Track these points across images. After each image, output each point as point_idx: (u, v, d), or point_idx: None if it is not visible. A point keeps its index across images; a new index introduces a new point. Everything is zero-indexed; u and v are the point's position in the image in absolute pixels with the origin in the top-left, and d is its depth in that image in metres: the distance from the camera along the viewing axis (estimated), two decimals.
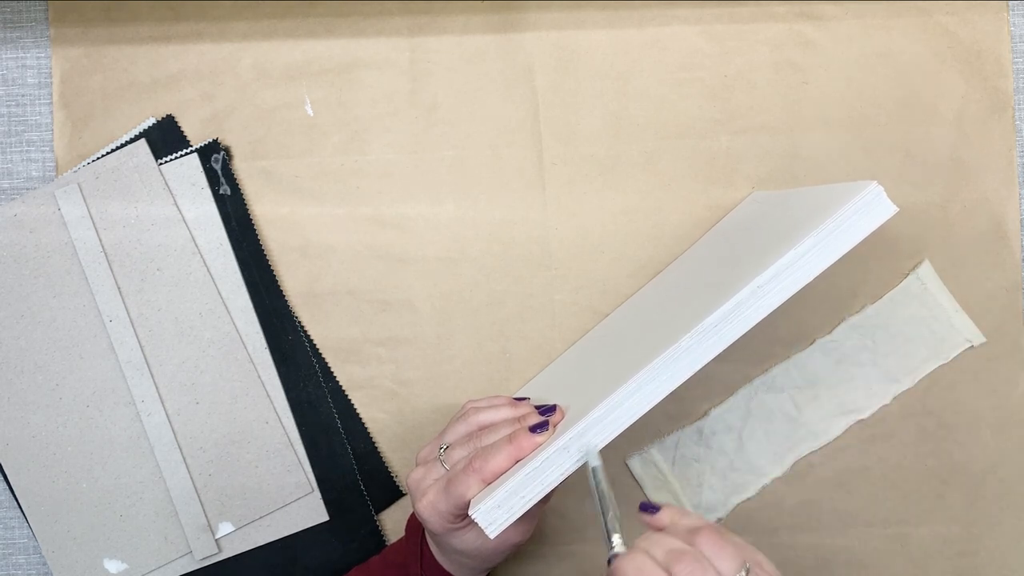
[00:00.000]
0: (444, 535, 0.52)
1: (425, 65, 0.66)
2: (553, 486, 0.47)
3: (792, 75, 0.67)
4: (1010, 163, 0.67)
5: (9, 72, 0.66)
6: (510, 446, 0.49)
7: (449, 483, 0.50)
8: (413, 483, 0.53)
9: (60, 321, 0.64)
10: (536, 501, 0.47)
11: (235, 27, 0.66)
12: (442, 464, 0.52)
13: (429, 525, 0.51)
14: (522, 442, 0.49)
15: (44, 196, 0.65)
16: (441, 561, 0.55)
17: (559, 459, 0.47)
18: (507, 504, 0.47)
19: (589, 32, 0.66)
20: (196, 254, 0.65)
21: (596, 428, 0.47)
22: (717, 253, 0.59)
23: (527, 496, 0.47)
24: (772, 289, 0.46)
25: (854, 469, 0.66)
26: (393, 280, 0.66)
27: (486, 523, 0.47)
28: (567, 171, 0.66)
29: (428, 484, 0.52)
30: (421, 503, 0.51)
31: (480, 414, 0.54)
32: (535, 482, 0.47)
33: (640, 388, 0.47)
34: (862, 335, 0.66)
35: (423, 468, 0.53)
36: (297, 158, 0.66)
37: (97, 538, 0.64)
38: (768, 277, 0.46)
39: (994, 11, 0.67)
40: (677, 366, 0.47)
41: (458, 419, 0.55)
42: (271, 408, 0.65)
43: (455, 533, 0.51)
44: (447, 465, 0.52)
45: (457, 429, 0.54)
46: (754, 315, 0.46)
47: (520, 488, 0.47)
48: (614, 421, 0.47)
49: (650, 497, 0.66)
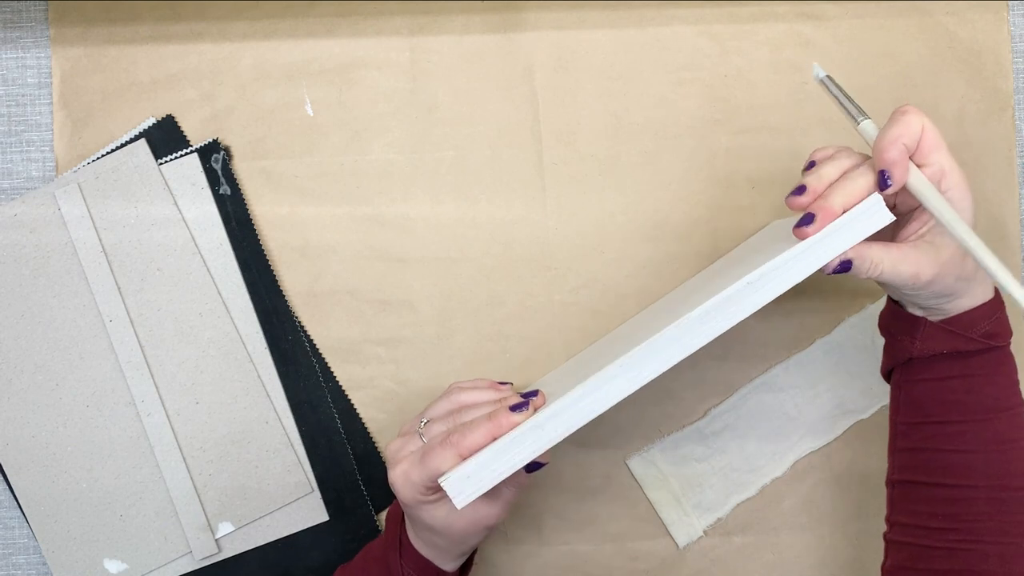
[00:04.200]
0: (415, 508, 0.52)
1: (425, 65, 0.66)
2: (523, 463, 0.48)
3: (792, 75, 0.67)
4: (1010, 163, 0.67)
5: (9, 72, 0.66)
6: (489, 423, 0.50)
7: (425, 455, 0.50)
8: (391, 452, 0.54)
9: (60, 321, 0.64)
10: (505, 476, 0.48)
11: (235, 27, 0.66)
12: (420, 437, 0.53)
13: (401, 495, 0.52)
14: (501, 420, 0.50)
15: (44, 196, 0.65)
16: (417, 546, 0.55)
17: (532, 436, 0.48)
18: (477, 476, 0.48)
19: (589, 32, 0.66)
20: (196, 254, 0.65)
21: (574, 409, 0.48)
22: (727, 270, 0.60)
23: (497, 470, 0.48)
24: (762, 286, 0.47)
25: (854, 469, 0.66)
26: (393, 280, 0.66)
27: (454, 493, 0.48)
28: (567, 171, 0.66)
29: (404, 455, 0.52)
30: (395, 471, 0.52)
31: (463, 394, 0.55)
32: (506, 456, 0.48)
33: (620, 374, 0.47)
34: (862, 335, 0.66)
35: (401, 439, 0.54)
36: (297, 158, 0.66)
37: (97, 538, 0.64)
38: (758, 275, 0.47)
39: (994, 11, 0.67)
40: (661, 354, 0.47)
41: (441, 397, 0.56)
42: (271, 408, 0.65)
43: (425, 507, 0.52)
44: (425, 438, 0.53)
45: (439, 406, 0.55)
46: (741, 310, 0.47)
47: (491, 461, 0.48)
48: (592, 404, 0.48)
49: (650, 497, 0.66)
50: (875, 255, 0.49)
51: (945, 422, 0.53)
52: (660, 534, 0.66)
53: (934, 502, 0.53)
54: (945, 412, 0.53)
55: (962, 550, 0.51)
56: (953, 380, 0.53)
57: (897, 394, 0.56)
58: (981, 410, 0.52)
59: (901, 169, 0.48)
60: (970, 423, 0.52)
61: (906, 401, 0.55)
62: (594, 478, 0.66)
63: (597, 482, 0.66)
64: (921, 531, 0.53)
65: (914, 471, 0.54)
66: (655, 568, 0.66)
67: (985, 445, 0.52)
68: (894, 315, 0.55)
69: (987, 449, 0.52)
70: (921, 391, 0.54)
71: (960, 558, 0.51)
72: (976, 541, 0.51)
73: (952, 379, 0.53)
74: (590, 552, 0.66)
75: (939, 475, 0.53)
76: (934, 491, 0.53)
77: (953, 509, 0.52)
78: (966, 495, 0.52)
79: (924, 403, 0.54)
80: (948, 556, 0.52)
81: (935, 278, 0.50)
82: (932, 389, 0.53)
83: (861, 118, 0.51)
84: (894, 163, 0.48)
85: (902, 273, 0.49)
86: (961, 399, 0.52)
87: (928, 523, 0.53)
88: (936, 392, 0.53)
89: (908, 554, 0.54)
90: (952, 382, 0.53)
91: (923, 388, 0.54)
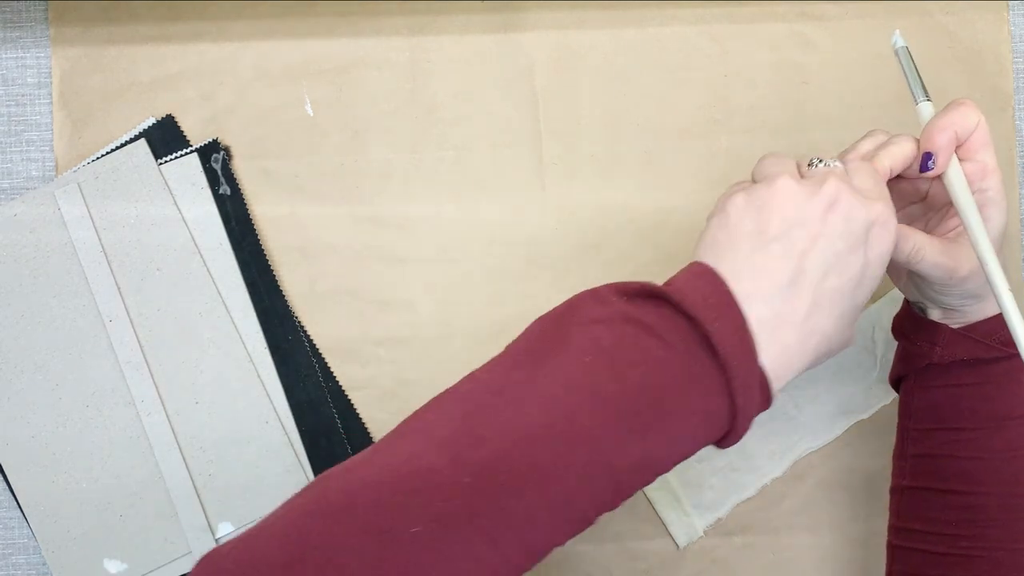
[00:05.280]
0: None
1: (425, 65, 0.66)
2: None
3: (792, 75, 0.67)
4: (1010, 163, 0.67)
5: (9, 72, 0.66)
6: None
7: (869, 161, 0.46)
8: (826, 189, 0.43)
9: (60, 321, 0.64)
10: None
11: (235, 27, 0.66)
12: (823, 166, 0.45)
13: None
14: None
15: (44, 196, 0.65)
16: None
17: None
18: None
19: (589, 32, 0.66)
20: (196, 254, 0.65)
21: None
22: None
23: None
24: None
25: (854, 469, 0.66)
26: (393, 280, 0.66)
27: None
28: (567, 171, 0.66)
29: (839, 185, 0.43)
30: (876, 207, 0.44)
31: None
32: None
33: None
34: (862, 335, 0.66)
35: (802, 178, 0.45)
36: (297, 158, 0.66)
37: (97, 538, 0.64)
38: None
39: (994, 11, 0.67)
40: None
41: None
42: (271, 408, 0.65)
43: None
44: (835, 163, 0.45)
45: None
46: None
47: None
48: None
49: (650, 497, 0.66)
50: (919, 239, 0.48)
51: (959, 428, 0.52)
52: (660, 534, 0.66)
53: (946, 509, 0.52)
54: (960, 418, 0.52)
55: (974, 556, 0.51)
56: (970, 387, 0.52)
57: (909, 399, 0.55)
58: (996, 417, 0.52)
59: (946, 155, 0.47)
60: (984, 430, 0.52)
61: (920, 407, 0.54)
62: None
63: None
64: (933, 537, 0.52)
65: (926, 477, 0.54)
66: (655, 568, 0.66)
67: (999, 452, 0.51)
68: (913, 320, 0.54)
69: (1001, 456, 0.51)
70: (936, 397, 0.53)
71: (972, 565, 0.51)
72: (988, 548, 0.51)
73: (969, 386, 0.52)
74: (590, 552, 0.66)
75: (952, 482, 0.52)
76: (947, 498, 0.52)
77: (965, 516, 0.52)
78: (979, 502, 0.51)
79: (939, 409, 0.53)
80: (959, 563, 0.51)
81: (970, 275, 0.49)
82: (948, 395, 0.53)
83: (922, 98, 0.50)
84: (941, 148, 0.47)
85: (941, 264, 0.48)
86: (977, 406, 0.52)
87: (940, 530, 0.52)
88: (952, 398, 0.53)
89: (918, 561, 0.53)
90: (968, 389, 0.52)
91: (939, 394, 0.53)
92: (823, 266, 0.42)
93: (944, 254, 0.49)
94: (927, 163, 0.48)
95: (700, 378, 0.39)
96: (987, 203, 0.48)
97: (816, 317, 0.42)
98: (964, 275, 0.49)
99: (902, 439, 0.56)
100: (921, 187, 0.52)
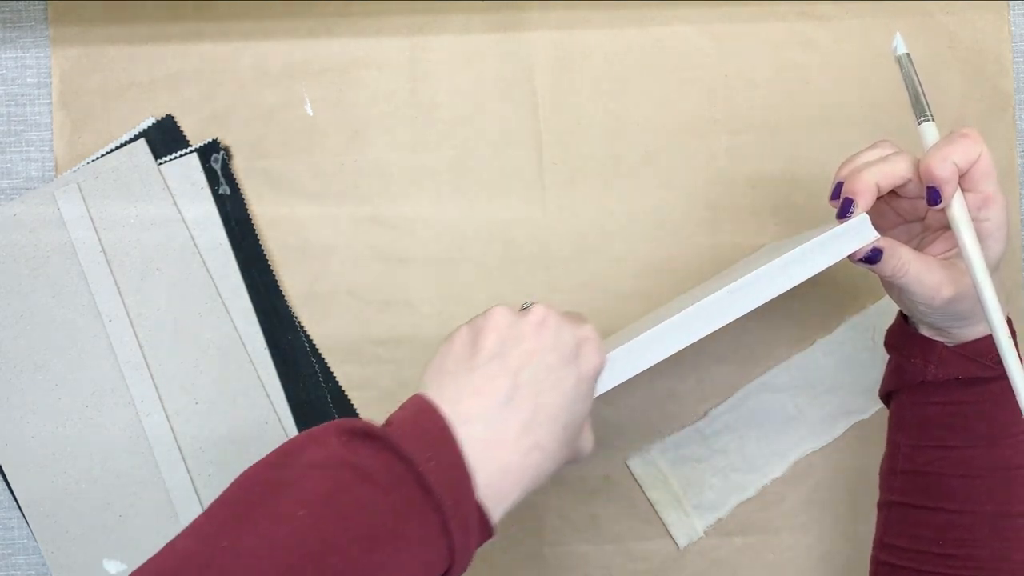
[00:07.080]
0: None
1: (425, 65, 0.66)
2: None
3: (793, 75, 0.67)
4: (1010, 163, 0.67)
5: (9, 72, 0.66)
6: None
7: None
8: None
9: (60, 321, 0.64)
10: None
11: (235, 27, 0.66)
12: None
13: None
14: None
15: (44, 196, 0.65)
16: None
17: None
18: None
19: (589, 32, 0.66)
20: (196, 254, 0.65)
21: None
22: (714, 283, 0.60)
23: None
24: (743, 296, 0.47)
25: (854, 469, 0.66)
26: (393, 280, 0.66)
27: None
28: (567, 171, 0.66)
29: None
30: None
31: None
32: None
33: None
34: (863, 335, 0.66)
35: None
36: (297, 158, 0.66)
37: (97, 538, 0.64)
38: (740, 284, 0.47)
39: (994, 11, 0.67)
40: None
41: None
42: (271, 408, 0.65)
43: None
44: None
45: None
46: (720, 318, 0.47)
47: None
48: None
49: (650, 497, 0.66)
50: (905, 254, 0.48)
51: (952, 447, 0.52)
52: (660, 534, 0.66)
53: (935, 527, 0.52)
54: (953, 436, 0.52)
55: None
56: (964, 405, 0.52)
57: (901, 415, 0.55)
58: (989, 435, 0.51)
59: (951, 188, 0.48)
60: (978, 448, 0.51)
61: (912, 423, 0.54)
62: (594, 478, 0.66)
63: (597, 482, 0.66)
64: (921, 556, 0.52)
65: (916, 494, 0.53)
66: (655, 568, 0.66)
67: (991, 471, 0.51)
68: (907, 336, 0.54)
69: (993, 475, 0.51)
70: (930, 414, 0.53)
71: None
72: (977, 568, 0.50)
73: (963, 403, 0.52)
74: (590, 552, 0.66)
75: (942, 500, 0.52)
76: (936, 516, 0.52)
77: (954, 535, 0.51)
78: (968, 521, 0.51)
79: (932, 426, 0.53)
80: None
81: (955, 297, 0.49)
82: (941, 413, 0.52)
83: (922, 118, 0.50)
84: (946, 181, 0.47)
85: (925, 282, 0.49)
86: (971, 424, 0.52)
87: (928, 548, 0.52)
88: (945, 416, 0.52)
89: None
90: (963, 407, 0.52)
91: (932, 411, 0.53)
92: (538, 380, 0.43)
93: (929, 272, 0.49)
94: (935, 197, 0.48)
95: (416, 520, 0.39)
96: (986, 234, 0.48)
97: (536, 432, 0.43)
98: (948, 296, 0.49)
99: (892, 454, 0.55)
100: (919, 207, 0.52)
